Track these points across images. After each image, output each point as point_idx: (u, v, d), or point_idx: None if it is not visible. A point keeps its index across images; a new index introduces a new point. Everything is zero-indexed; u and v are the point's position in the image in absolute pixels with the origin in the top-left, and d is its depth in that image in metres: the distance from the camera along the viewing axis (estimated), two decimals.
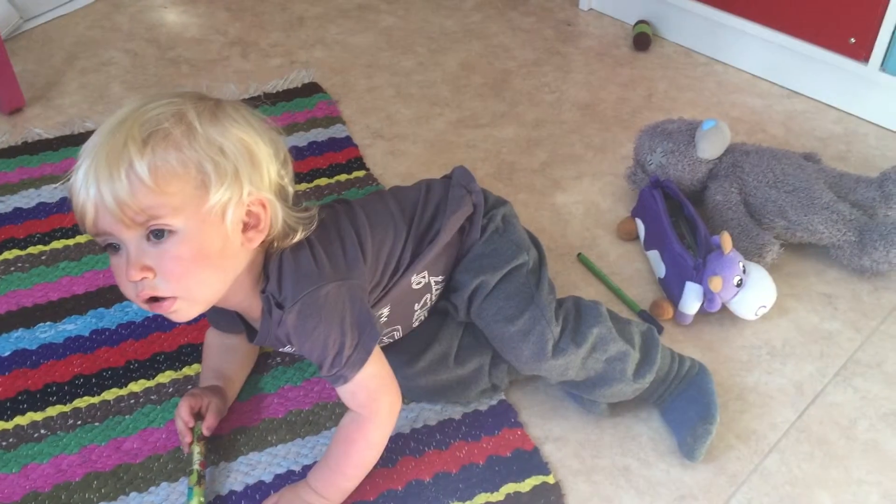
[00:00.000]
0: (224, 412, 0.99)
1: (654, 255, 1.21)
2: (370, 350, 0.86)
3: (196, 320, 1.10)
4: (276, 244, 0.86)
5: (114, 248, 0.80)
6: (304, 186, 1.35)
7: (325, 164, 1.40)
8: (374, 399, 0.89)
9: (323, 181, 1.37)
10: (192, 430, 0.96)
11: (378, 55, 1.70)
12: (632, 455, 0.99)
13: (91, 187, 0.76)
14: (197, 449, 0.94)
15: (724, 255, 1.10)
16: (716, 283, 1.08)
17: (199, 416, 0.97)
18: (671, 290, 1.16)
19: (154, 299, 0.81)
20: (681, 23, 1.70)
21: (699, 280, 1.10)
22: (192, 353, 1.08)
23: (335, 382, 0.87)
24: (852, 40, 1.46)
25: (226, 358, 1.02)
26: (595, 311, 0.98)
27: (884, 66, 1.45)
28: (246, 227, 0.83)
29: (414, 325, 1.02)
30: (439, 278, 0.99)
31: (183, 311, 0.83)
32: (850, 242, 1.18)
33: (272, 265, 0.86)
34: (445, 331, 1.02)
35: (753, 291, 1.10)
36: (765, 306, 1.12)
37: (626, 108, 1.56)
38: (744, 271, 1.10)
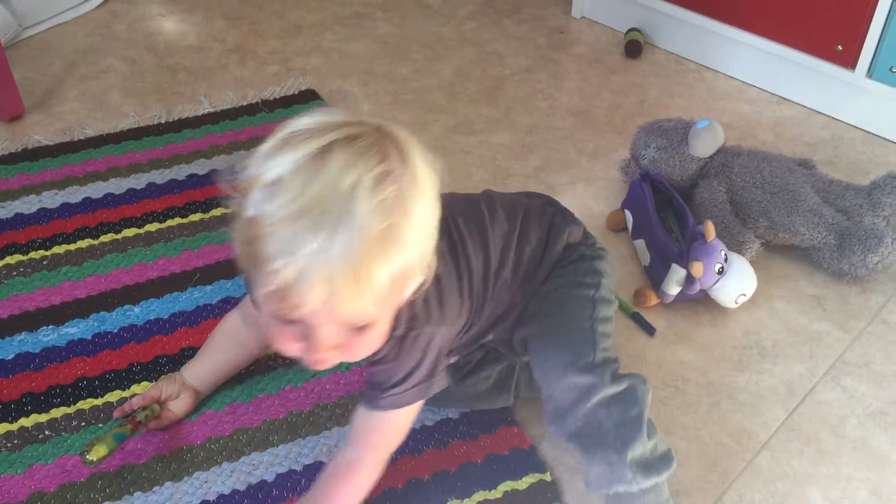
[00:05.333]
0: (170, 422, 1.01)
1: (640, 244, 1.25)
2: (419, 398, 0.85)
3: (198, 322, 1.13)
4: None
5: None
6: None
7: None
8: (381, 447, 0.88)
9: None
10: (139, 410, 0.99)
11: (374, 62, 1.72)
12: None
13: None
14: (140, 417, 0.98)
15: (706, 242, 1.13)
16: (697, 269, 1.11)
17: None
18: (655, 276, 1.19)
19: None
20: (672, 30, 1.73)
21: (683, 265, 1.14)
22: (194, 355, 1.10)
23: (370, 403, 0.85)
24: (839, 48, 1.49)
25: (244, 342, 1.02)
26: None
27: (870, 73, 1.48)
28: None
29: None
30: None
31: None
32: (829, 246, 1.21)
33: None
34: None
35: (734, 279, 1.13)
36: (745, 294, 1.15)
37: (619, 115, 1.58)
38: (725, 260, 1.13)
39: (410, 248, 0.69)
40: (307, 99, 1.59)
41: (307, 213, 0.65)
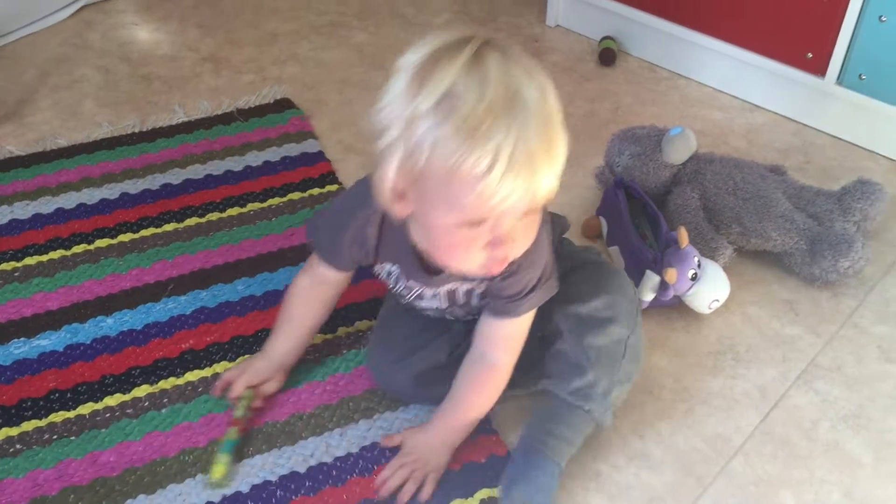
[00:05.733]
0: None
1: (614, 250, 1.26)
2: (549, 295, 0.91)
3: (171, 333, 1.13)
4: None
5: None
6: (277, 201, 1.37)
7: (298, 178, 1.42)
8: (517, 350, 0.94)
9: (296, 195, 1.38)
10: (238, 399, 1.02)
11: (350, 71, 1.72)
12: (602, 460, 1.02)
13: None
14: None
15: (679, 249, 1.14)
16: (670, 275, 1.12)
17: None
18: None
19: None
20: (645, 39, 1.75)
21: (657, 271, 1.14)
22: (167, 367, 1.09)
23: (511, 313, 0.90)
24: (809, 55, 1.51)
25: (316, 302, 1.04)
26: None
27: (839, 80, 1.50)
28: None
29: None
30: None
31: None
32: (801, 251, 1.22)
33: None
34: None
35: (707, 286, 1.14)
36: (718, 300, 1.16)
37: (594, 122, 1.59)
38: (699, 266, 1.14)
39: (562, 125, 0.75)
40: (282, 107, 1.59)
41: (493, 112, 0.70)
